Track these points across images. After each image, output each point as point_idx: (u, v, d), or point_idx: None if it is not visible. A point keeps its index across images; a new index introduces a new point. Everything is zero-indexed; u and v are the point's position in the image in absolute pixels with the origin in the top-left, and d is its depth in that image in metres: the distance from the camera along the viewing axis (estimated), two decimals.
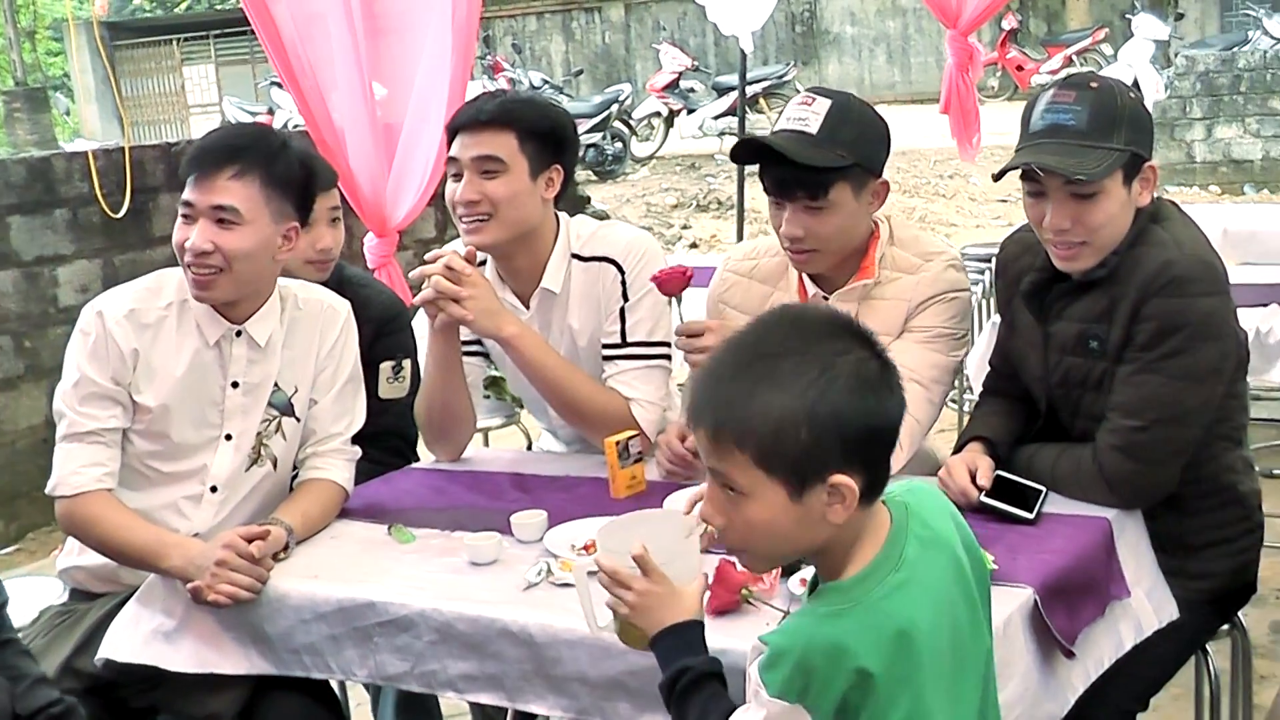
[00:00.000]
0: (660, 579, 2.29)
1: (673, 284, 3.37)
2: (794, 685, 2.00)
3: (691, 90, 19.80)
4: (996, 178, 3.21)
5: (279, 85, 18.60)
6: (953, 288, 3.40)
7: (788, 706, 2.01)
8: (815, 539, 2.10)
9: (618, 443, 3.32)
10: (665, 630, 2.27)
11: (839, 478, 2.03)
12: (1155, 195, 3.19)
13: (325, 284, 3.64)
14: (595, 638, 2.52)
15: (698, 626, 2.29)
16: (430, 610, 2.79)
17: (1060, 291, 3.19)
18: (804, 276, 3.51)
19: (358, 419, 3.45)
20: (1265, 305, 5.09)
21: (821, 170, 3.27)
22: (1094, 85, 3.08)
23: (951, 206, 14.83)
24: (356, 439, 3.45)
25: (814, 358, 2.03)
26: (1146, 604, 3.06)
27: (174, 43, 29.06)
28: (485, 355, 3.76)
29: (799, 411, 2.00)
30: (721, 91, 19.18)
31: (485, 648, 2.72)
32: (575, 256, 3.61)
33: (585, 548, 2.91)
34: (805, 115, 3.32)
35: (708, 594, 2.47)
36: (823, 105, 3.33)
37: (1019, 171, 3.09)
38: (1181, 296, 3.00)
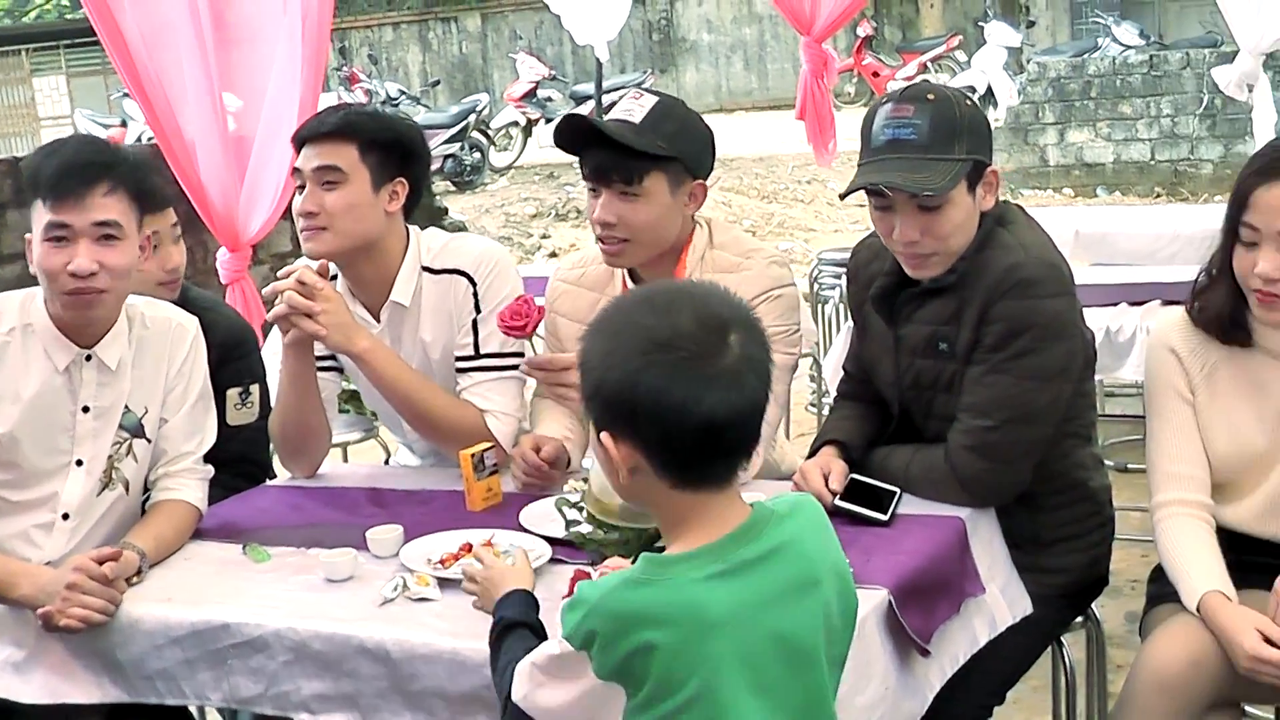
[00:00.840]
0: (492, 564, 2.56)
1: (524, 332, 3.37)
2: (579, 633, 2.08)
3: (549, 99, 19.82)
4: (843, 196, 3.24)
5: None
6: (776, 284, 3.42)
7: (572, 651, 2.09)
8: (620, 489, 2.20)
9: (473, 455, 3.29)
10: (499, 600, 2.45)
11: (608, 438, 2.12)
12: (1002, 199, 3.23)
13: None
14: (452, 653, 2.54)
15: (525, 593, 2.46)
16: (285, 630, 2.75)
17: (909, 295, 3.22)
18: (627, 281, 3.51)
19: (209, 437, 3.39)
20: (1115, 305, 5.18)
21: (638, 156, 3.30)
22: (931, 97, 3.09)
23: (810, 211, 14.96)
24: (208, 464, 3.40)
25: (663, 334, 2.07)
26: (1001, 600, 3.10)
27: (22, 53, 28.46)
28: (339, 370, 3.72)
29: (613, 370, 2.09)
30: (579, 100, 19.21)
31: (341, 666, 2.69)
32: (426, 269, 3.59)
33: (442, 561, 2.90)
34: (631, 107, 3.37)
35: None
36: (649, 100, 3.38)
37: None
38: (1028, 298, 3.04)
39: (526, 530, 3.05)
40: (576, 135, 3.39)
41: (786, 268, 3.49)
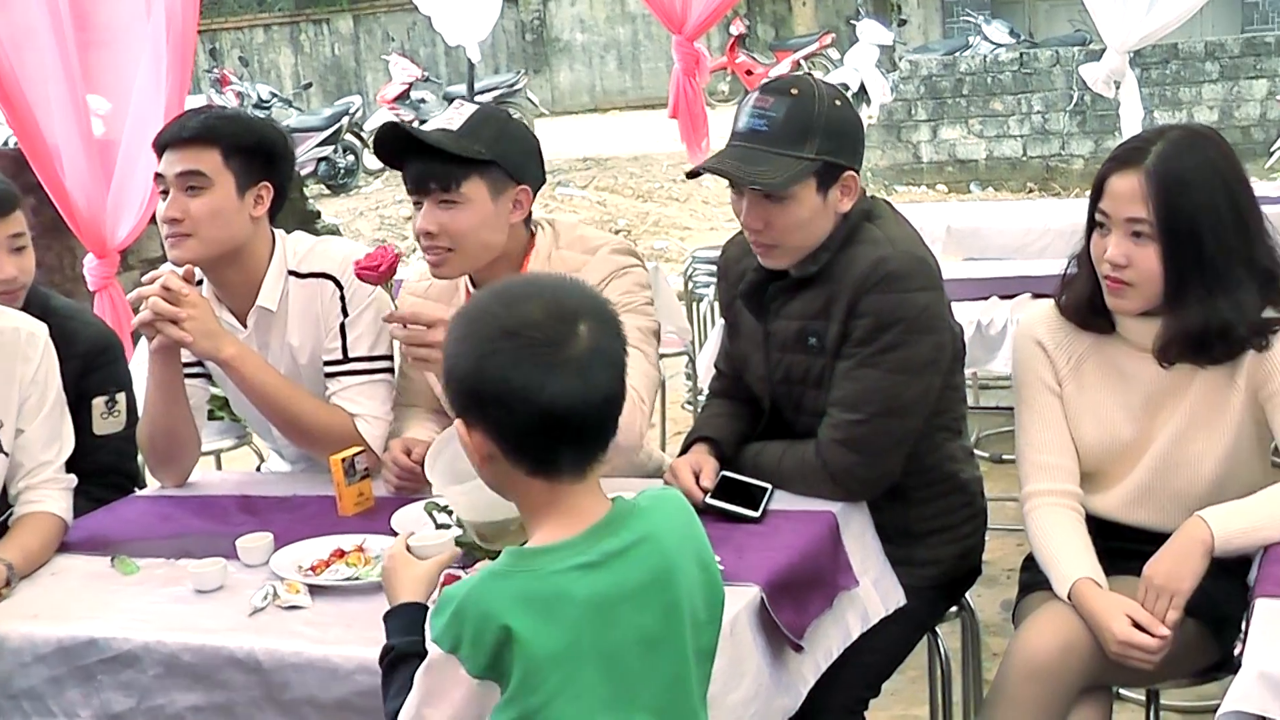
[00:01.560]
0: (399, 562, 2.47)
1: (377, 274, 3.35)
2: (448, 634, 2.06)
3: (423, 101, 19.72)
4: (689, 176, 3.26)
5: None
6: (621, 266, 3.41)
7: (442, 654, 2.07)
8: (481, 476, 2.21)
9: (343, 460, 3.26)
10: (394, 609, 2.39)
11: (462, 425, 2.14)
12: (870, 194, 3.26)
13: None
14: (323, 660, 2.52)
15: (420, 609, 2.37)
16: (154, 643, 2.70)
17: (778, 290, 3.23)
18: (470, 291, 3.49)
19: (67, 444, 3.33)
20: (986, 298, 5.23)
21: (456, 162, 3.27)
22: (794, 91, 3.11)
23: (685, 210, 14.99)
24: (74, 475, 3.33)
25: (511, 322, 2.09)
26: (874, 593, 3.13)
27: None
28: (208, 376, 3.67)
29: (463, 356, 2.11)
30: (452, 101, 19.09)
31: (213, 677, 2.65)
32: (292, 273, 3.55)
33: (313, 568, 2.87)
34: (452, 116, 3.36)
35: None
36: (469, 109, 3.37)
37: None
38: (896, 292, 3.06)
39: (398, 535, 3.02)
40: (396, 147, 3.36)
41: (632, 254, 3.49)
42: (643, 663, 2.12)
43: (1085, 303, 3.09)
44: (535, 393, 2.05)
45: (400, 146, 3.35)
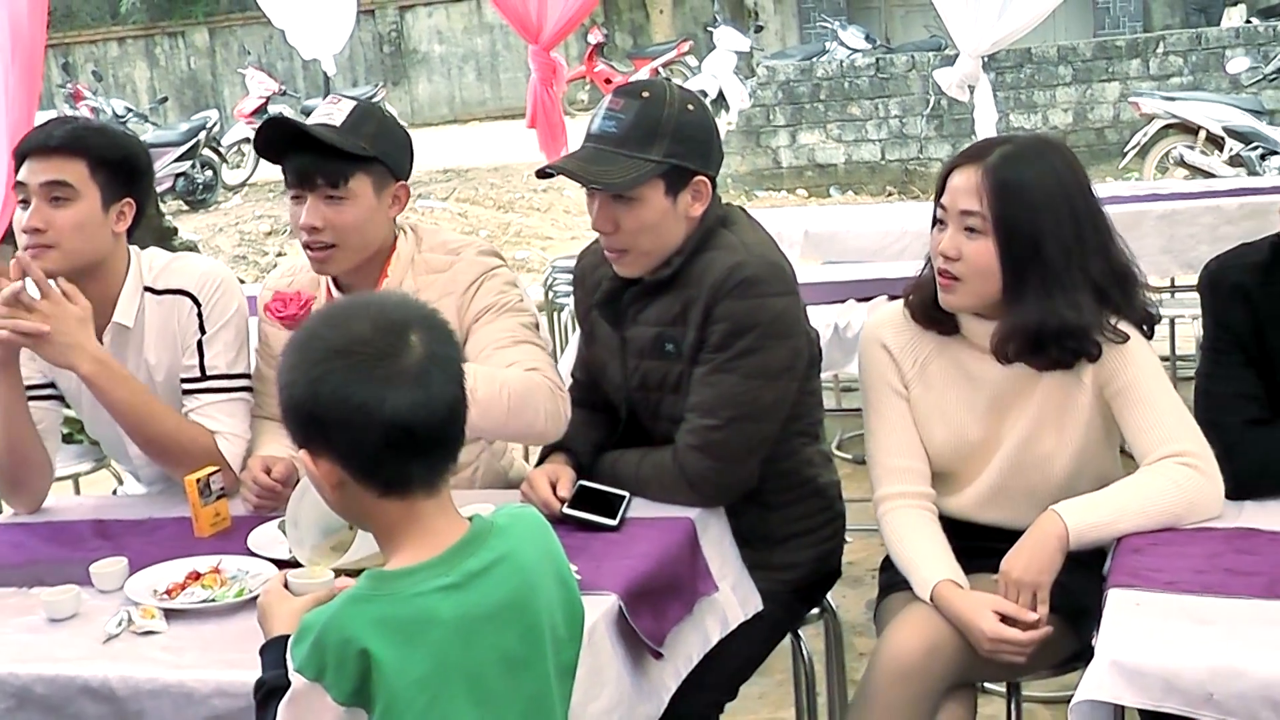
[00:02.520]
0: (277, 586, 2.39)
1: (294, 320, 3.31)
2: (311, 663, 2.04)
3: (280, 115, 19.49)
4: (539, 175, 3.29)
5: None
6: (489, 267, 3.40)
7: (306, 684, 2.05)
8: (333, 506, 2.20)
9: (198, 480, 3.21)
10: (268, 642, 2.32)
11: (306, 456, 2.11)
12: (724, 201, 3.27)
13: None
14: (179, 686, 2.48)
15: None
16: (5, 675, 2.62)
17: (633, 297, 3.24)
18: (331, 289, 3.48)
19: None
20: (843, 301, 5.27)
21: (343, 158, 3.28)
22: (645, 95, 3.12)
23: (546, 220, 14.98)
24: None
25: (340, 341, 2.08)
26: (732, 598, 3.14)
27: None
28: (59, 399, 3.60)
29: (297, 384, 2.09)
30: (310, 115, 18.91)
31: (65, 709, 2.58)
32: (149, 290, 3.49)
33: (168, 591, 2.82)
34: (331, 111, 3.36)
35: None
36: (348, 105, 3.38)
37: None
38: (751, 298, 3.07)
39: (255, 554, 2.99)
40: (277, 141, 3.34)
41: (497, 255, 3.49)
42: (506, 683, 2.11)
43: (930, 301, 3.13)
44: (375, 408, 2.03)
45: (283, 140, 3.33)
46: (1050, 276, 2.97)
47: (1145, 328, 3.06)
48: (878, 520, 3.19)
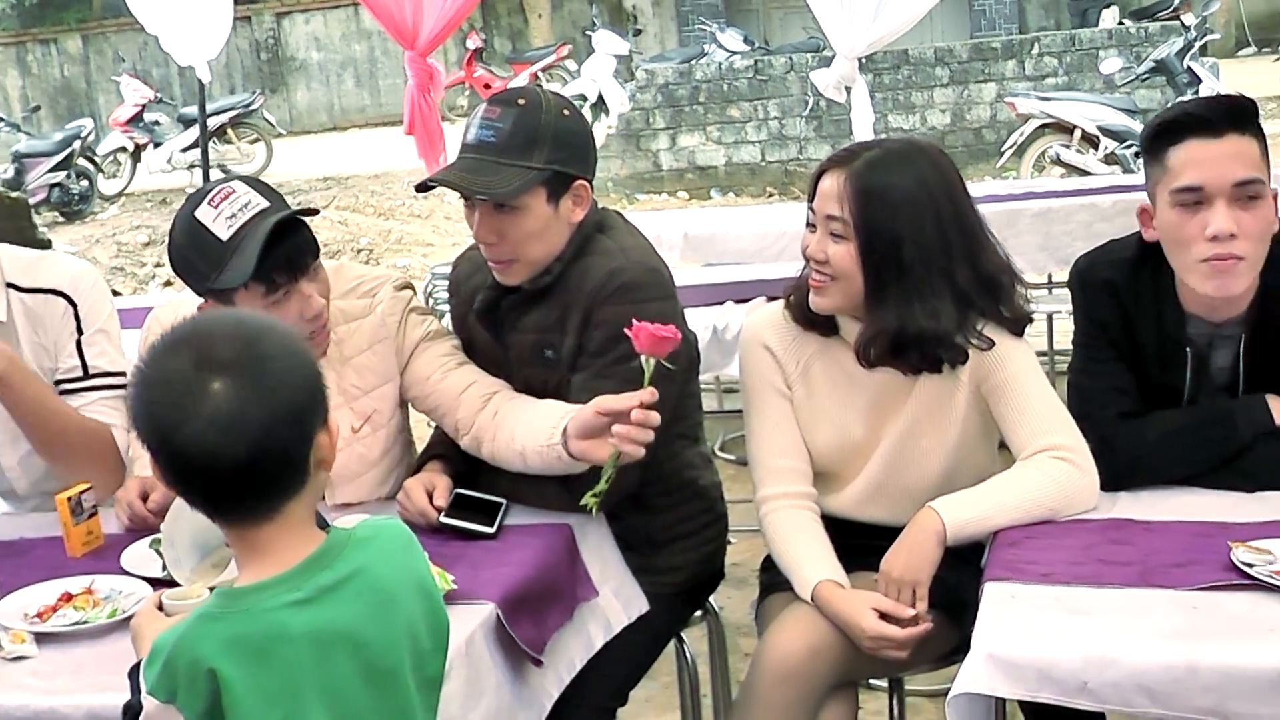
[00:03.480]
0: (150, 607, 2.33)
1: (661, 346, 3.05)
2: (163, 685, 2.00)
3: (156, 123, 19.26)
4: (419, 189, 3.24)
5: None
6: (407, 301, 3.35)
7: (159, 706, 2.02)
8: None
9: (69, 499, 3.15)
10: (136, 664, 2.23)
11: (154, 467, 2.07)
12: (601, 206, 3.27)
13: None
14: (50, 712, 2.42)
15: None
16: None
17: (512, 304, 3.22)
18: None
19: None
20: (721, 304, 5.27)
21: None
22: (521, 102, 3.11)
23: (428, 226, 14.91)
24: None
25: (156, 373, 2.03)
26: (615, 602, 3.13)
27: None
28: None
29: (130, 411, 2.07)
30: (187, 123, 18.72)
31: None
32: (13, 286, 3.42)
33: (39, 614, 2.75)
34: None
35: None
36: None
37: None
38: (630, 302, 3.06)
39: (128, 573, 2.94)
40: None
41: (407, 285, 3.40)
42: (365, 697, 2.08)
43: (807, 303, 3.15)
44: (165, 444, 1.99)
45: None
46: (910, 283, 3.00)
47: (1017, 329, 3.09)
48: (760, 520, 3.20)
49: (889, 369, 3.10)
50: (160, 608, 2.35)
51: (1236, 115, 2.94)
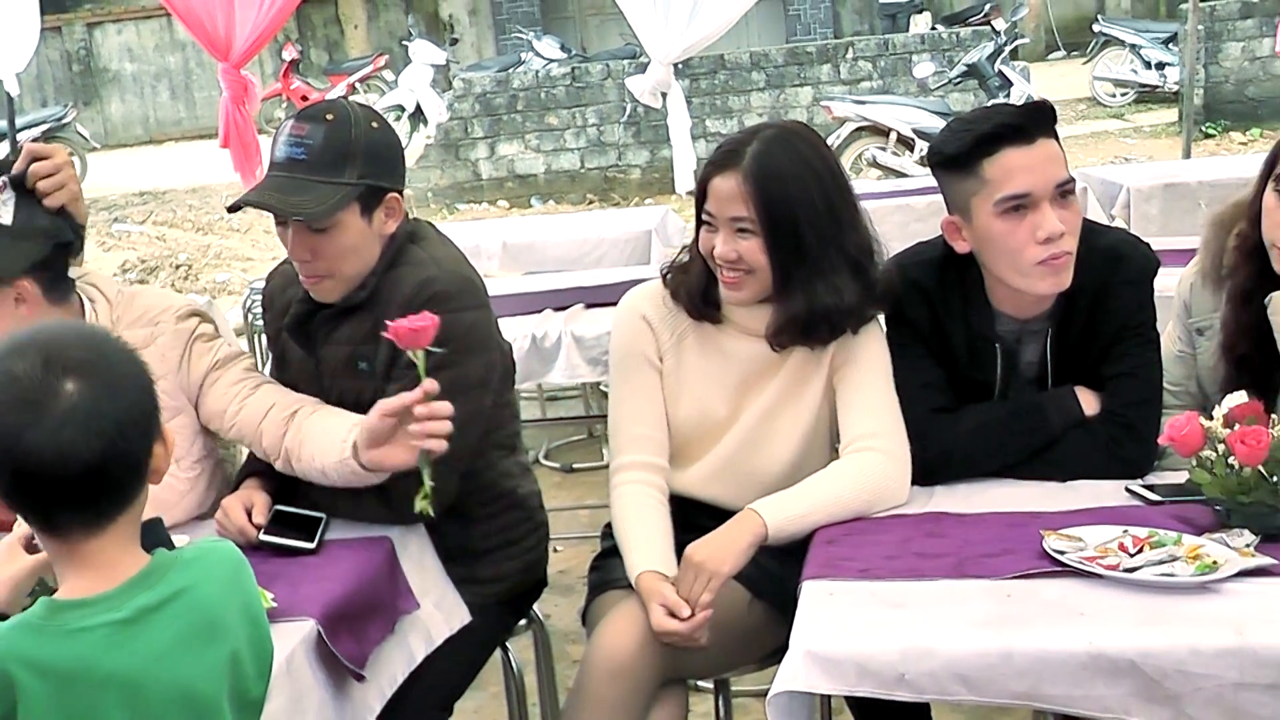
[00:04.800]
0: (14, 541, 2.28)
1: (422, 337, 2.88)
2: None
3: None
4: (230, 210, 3.19)
5: None
6: (191, 331, 3.28)
7: None
8: None
9: None
10: None
11: None
12: (415, 217, 3.26)
13: None
14: None
15: None
16: None
17: (325, 317, 3.19)
18: None
19: None
20: (540, 311, 5.26)
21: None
22: (330, 117, 3.07)
23: (247, 241, 14.72)
24: None
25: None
26: (436, 614, 3.11)
27: None
28: None
29: None
30: None
31: None
32: None
33: None
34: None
35: None
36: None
37: None
38: (443, 312, 3.04)
39: None
40: None
41: (194, 312, 3.33)
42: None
43: (696, 295, 3.19)
44: (7, 449, 1.95)
45: None
46: (812, 263, 3.06)
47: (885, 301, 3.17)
48: (610, 490, 3.21)
49: (763, 349, 3.14)
50: (27, 548, 2.28)
51: (1043, 120, 3.02)
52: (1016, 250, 3.00)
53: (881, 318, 3.20)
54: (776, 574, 2.97)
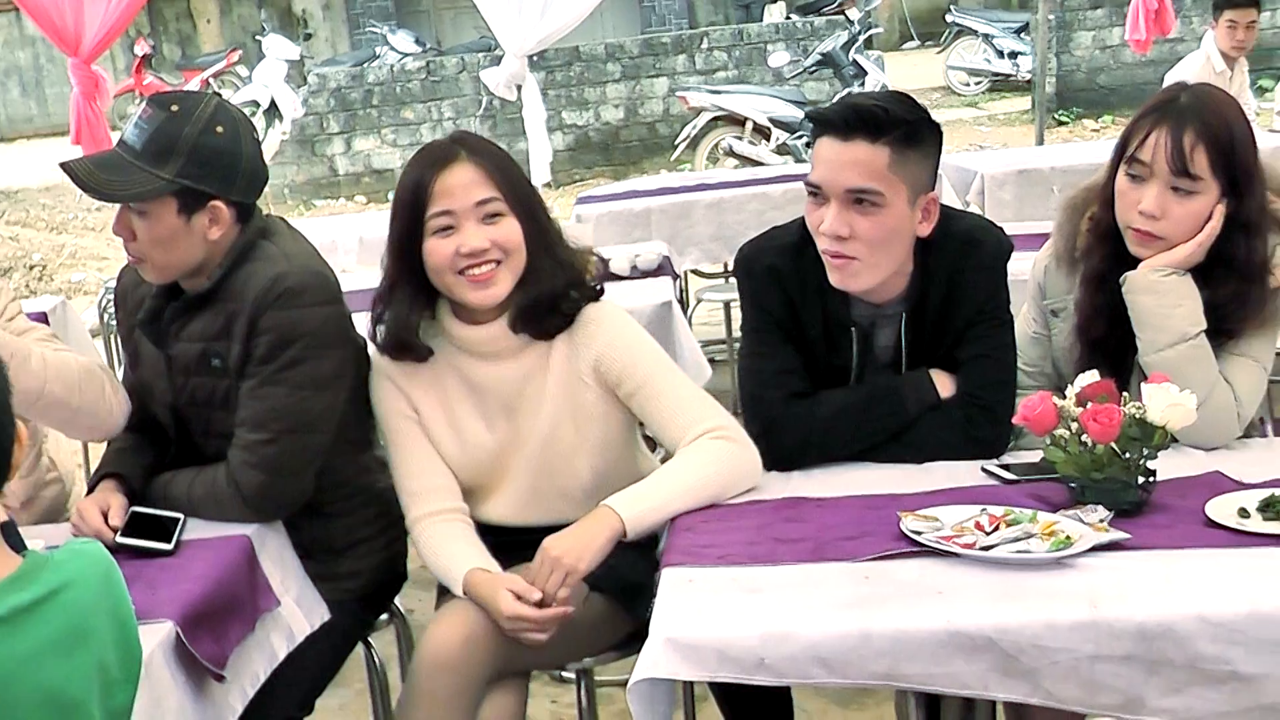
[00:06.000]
0: None
1: None
2: None
3: None
4: (62, 167, 3.17)
5: None
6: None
7: None
8: None
9: None
10: None
11: None
12: (267, 213, 3.25)
13: None
14: None
15: None
16: None
17: (175, 313, 3.17)
18: None
19: None
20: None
21: None
22: (174, 109, 3.06)
23: (102, 239, 14.45)
24: None
25: None
26: (297, 611, 3.09)
27: None
28: None
29: None
30: None
31: None
32: None
33: None
34: None
35: None
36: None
37: None
38: (295, 308, 3.04)
39: None
40: None
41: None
42: None
43: (409, 334, 3.14)
44: None
45: None
46: (547, 245, 3.10)
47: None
48: (414, 543, 3.19)
49: (514, 371, 3.13)
50: None
51: (872, 124, 2.98)
52: (814, 235, 3.07)
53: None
54: (615, 565, 2.97)
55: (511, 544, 3.11)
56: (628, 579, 2.95)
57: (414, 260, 3.07)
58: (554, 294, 3.08)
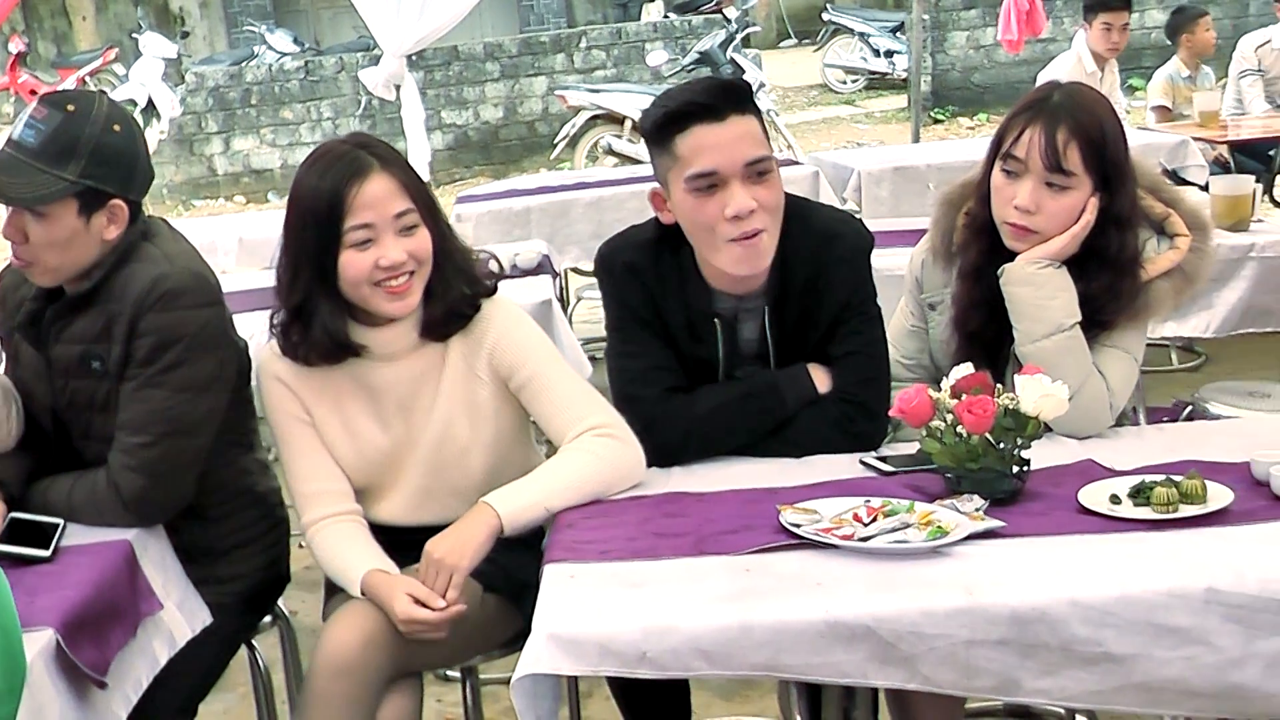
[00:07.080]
0: None
1: None
2: None
3: None
4: None
5: None
6: None
7: None
8: None
9: None
10: None
11: None
12: (149, 215, 3.24)
13: None
14: None
15: None
16: None
17: (55, 315, 3.14)
18: None
19: None
20: (267, 308, 5.18)
21: None
22: (70, 108, 3.04)
23: None
24: None
25: None
26: (178, 615, 3.07)
27: None
28: None
29: None
30: None
31: None
32: None
33: None
34: None
35: None
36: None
37: None
38: (175, 310, 3.03)
39: None
40: None
41: None
42: None
43: (329, 338, 3.08)
44: None
45: None
46: (446, 255, 3.10)
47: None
48: (308, 546, 3.17)
49: (408, 371, 3.12)
50: None
51: (735, 97, 3.05)
52: (709, 227, 3.06)
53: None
54: (502, 563, 2.99)
55: (405, 543, 3.10)
56: (519, 578, 2.96)
57: (329, 272, 3.02)
58: (459, 298, 3.09)
